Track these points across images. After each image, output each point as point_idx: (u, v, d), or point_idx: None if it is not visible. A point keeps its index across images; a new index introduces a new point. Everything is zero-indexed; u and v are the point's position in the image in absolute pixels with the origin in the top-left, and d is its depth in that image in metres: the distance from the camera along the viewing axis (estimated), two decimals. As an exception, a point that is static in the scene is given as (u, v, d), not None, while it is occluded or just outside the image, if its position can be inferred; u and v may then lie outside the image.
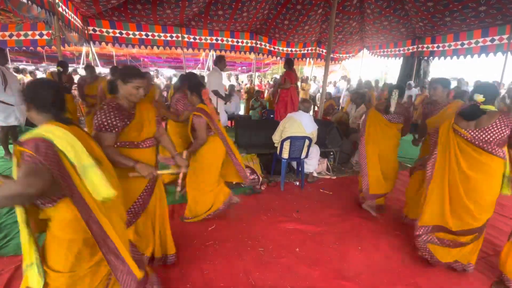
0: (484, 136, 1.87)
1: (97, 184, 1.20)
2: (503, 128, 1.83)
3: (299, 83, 8.62)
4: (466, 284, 2.10)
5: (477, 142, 1.89)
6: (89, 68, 4.58)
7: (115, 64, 12.62)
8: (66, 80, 4.61)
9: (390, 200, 3.44)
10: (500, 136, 1.83)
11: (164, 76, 12.72)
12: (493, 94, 1.92)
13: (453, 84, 7.91)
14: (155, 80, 9.15)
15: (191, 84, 2.60)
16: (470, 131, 1.93)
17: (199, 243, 2.45)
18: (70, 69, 4.71)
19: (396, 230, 2.76)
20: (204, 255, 2.29)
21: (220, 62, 4.61)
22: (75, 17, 4.38)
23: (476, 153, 1.91)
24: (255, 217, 2.92)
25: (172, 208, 3.05)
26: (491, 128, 1.86)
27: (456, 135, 1.98)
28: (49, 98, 1.21)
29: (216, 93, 4.73)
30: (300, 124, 3.42)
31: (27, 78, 7.88)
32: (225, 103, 5.02)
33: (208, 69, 12.52)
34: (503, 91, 5.94)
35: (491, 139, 1.86)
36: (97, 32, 5.37)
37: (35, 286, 1.18)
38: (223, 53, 6.78)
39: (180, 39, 6.07)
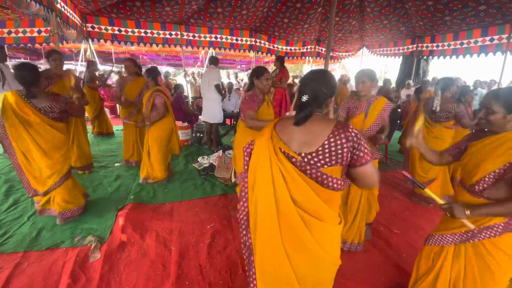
0: None
1: None
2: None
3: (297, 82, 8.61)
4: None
5: None
6: (131, 65, 4.03)
7: (113, 62, 12.56)
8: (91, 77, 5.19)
9: (390, 199, 3.46)
10: None
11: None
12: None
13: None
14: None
15: (151, 72, 3.47)
16: None
17: (197, 241, 2.46)
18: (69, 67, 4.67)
19: (396, 229, 2.78)
20: (202, 252, 2.30)
21: (216, 61, 4.92)
22: (73, 14, 4.36)
23: None
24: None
25: (171, 206, 3.07)
26: None
27: None
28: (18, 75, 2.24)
29: (217, 87, 4.76)
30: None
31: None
32: (222, 99, 5.07)
33: (207, 67, 12.48)
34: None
35: None
36: (96, 29, 5.34)
37: None
38: (222, 51, 6.77)
39: (179, 36, 6.05)
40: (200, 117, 5.78)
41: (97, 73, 5.85)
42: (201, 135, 5.70)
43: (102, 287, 1.91)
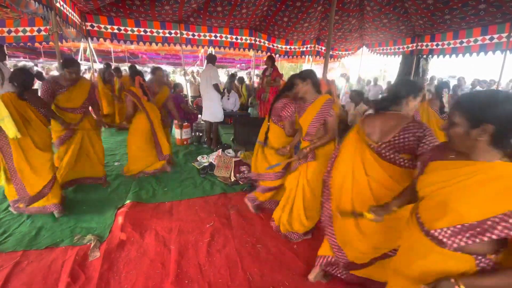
0: None
1: (8, 128, 2.32)
2: None
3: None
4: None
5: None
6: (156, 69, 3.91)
7: (113, 61, 12.53)
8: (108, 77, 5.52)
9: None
10: None
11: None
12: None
13: (452, 83, 7.94)
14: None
15: (131, 72, 3.93)
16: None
17: (197, 239, 2.46)
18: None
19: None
20: (202, 251, 2.31)
21: (214, 60, 4.89)
22: (73, 12, 4.35)
23: None
24: (254, 214, 2.94)
25: (171, 205, 3.07)
26: None
27: None
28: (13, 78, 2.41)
29: (216, 86, 4.76)
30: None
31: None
32: (221, 98, 5.07)
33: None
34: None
35: None
36: (95, 28, 5.33)
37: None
38: (222, 49, 6.76)
39: (178, 35, 6.03)
40: (200, 116, 5.78)
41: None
42: (201, 134, 5.70)
43: (101, 285, 1.92)
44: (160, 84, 3.86)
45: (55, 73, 8.02)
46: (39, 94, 2.71)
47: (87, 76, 7.04)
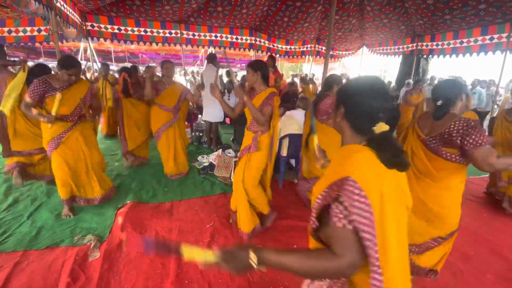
0: None
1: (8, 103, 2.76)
2: None
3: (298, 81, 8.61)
4: (462, 283, 2.13)
5: None
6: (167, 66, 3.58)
7: (113, 60, 12.55)
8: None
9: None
10: None
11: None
12: None
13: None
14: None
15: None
16: None
17: (197, 239, 2.46)
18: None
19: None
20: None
21: (214, 59, 4.87)
22: (73, 12, 4.34)
23: None
24: (254, 214, 2.94)
25: (171, 205, 3.07)
26: None
27: None
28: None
29: None
30: (298, 121, 3.44)
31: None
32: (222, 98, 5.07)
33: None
34: (501, 90, 5.95)
35: None
36: (95, 28, 5.33)
37: None
38: (222, 49, 6.76)
39: (179, 35, 6.03)
40: (200, 116, 5.78)
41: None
42: (201, 134, 5.70)
43: (101, 286, 1.92)
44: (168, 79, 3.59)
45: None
46: (27, 92, 2.40)
47: (88, 75, 7.01)
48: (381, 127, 0.82)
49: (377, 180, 0.77)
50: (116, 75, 6.26)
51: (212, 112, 4.96)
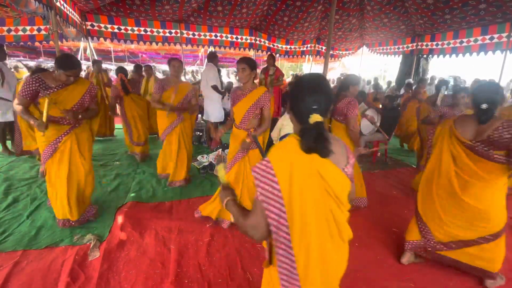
0: None
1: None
2: None
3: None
4: (461, 281, 2.13)
5: None
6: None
7: (113, 60, 12.54)
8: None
9: (388, 197, 3.47)
10: None
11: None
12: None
13: (451, 82, 7.92)
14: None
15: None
16: None
17: (196, 239, 2.46)
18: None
19: (392, 227, 2.78)
20: (201, 251, 2.31)
21: (215, 58, 4.84)
22: (73, 12, 4.34)
23: None
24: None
25: (171, 205, 3.07)
26: None
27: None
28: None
29: (215, 88, 4.75)
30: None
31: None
32: (222, 98, 5.06)
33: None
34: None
35: None
36: (95, 28, 5.32)
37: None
38: (222, 49, 6.76)
39: (179, 35, 6.03)
40: (200, 116, 5.77)
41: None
42: (201, 134, 5.70)
43: (101, 285, 1.92)
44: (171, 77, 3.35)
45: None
46: (19, 89, 2.21)
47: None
48: (314, 117, 0.91)
49: (288, 163, 0.91)
50: (114, 76, 6.23)
51: (211, 112, 4.96)
